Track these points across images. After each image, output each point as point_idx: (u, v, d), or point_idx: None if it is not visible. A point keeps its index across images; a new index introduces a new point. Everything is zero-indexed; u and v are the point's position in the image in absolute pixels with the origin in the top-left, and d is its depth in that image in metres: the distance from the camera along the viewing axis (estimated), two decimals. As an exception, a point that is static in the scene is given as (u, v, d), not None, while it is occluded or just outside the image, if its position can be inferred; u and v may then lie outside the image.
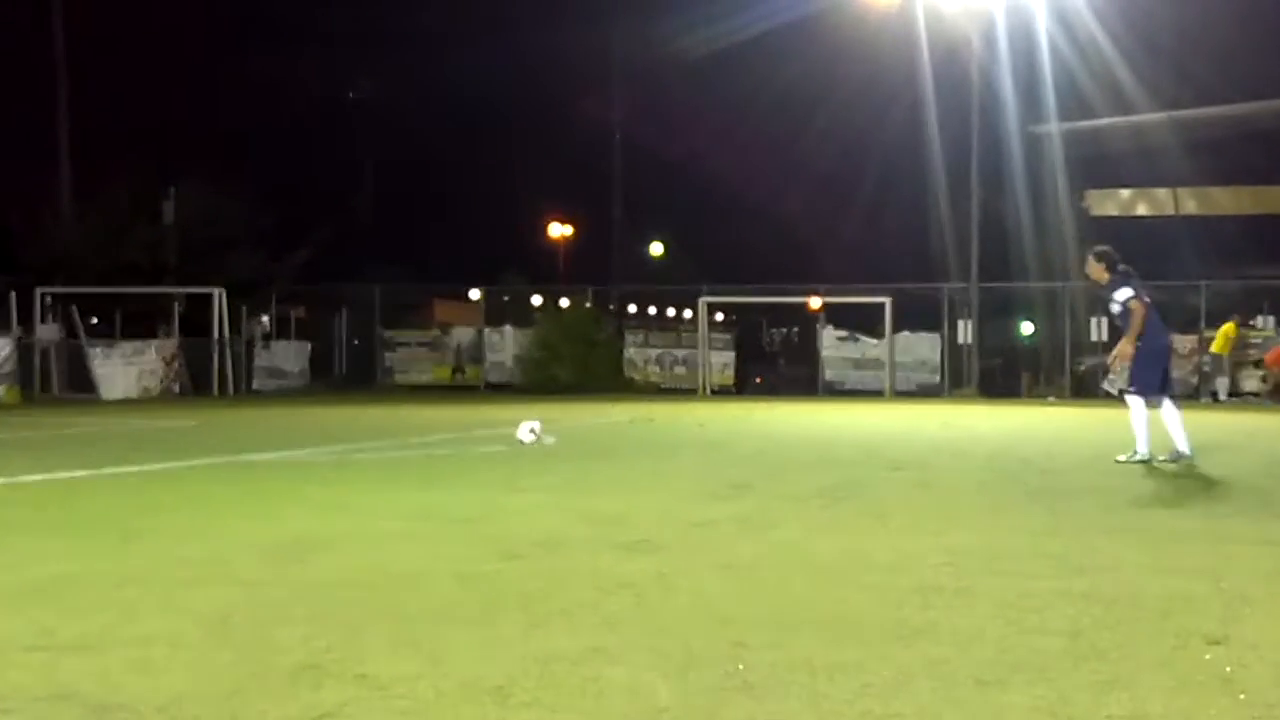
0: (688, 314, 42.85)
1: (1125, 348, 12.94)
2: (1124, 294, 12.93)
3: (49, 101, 41.19)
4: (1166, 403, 13.05)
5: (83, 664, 4.73)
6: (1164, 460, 12.79)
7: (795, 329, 44.11)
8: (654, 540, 7.76)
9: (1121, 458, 12.88)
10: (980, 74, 35.65)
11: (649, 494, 10.67)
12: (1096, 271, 13.36)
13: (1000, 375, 35.93)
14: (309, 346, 39.43)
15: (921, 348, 35.89)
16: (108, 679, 4.52)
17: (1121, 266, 13.20)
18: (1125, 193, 41.33)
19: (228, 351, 34.44)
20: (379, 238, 59.13)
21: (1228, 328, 31.60)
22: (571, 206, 65.98)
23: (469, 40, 60.84)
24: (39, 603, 5.87)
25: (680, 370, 38.27)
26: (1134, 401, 12.93)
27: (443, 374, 40.02)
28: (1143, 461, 12.72)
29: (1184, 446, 12.88)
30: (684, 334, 39.96)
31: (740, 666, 4.68)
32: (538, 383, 36.64)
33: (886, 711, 4.16)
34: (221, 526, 8.60)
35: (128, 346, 32.93)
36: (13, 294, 32.45)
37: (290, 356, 38.38)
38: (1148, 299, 13.02)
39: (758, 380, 38.16)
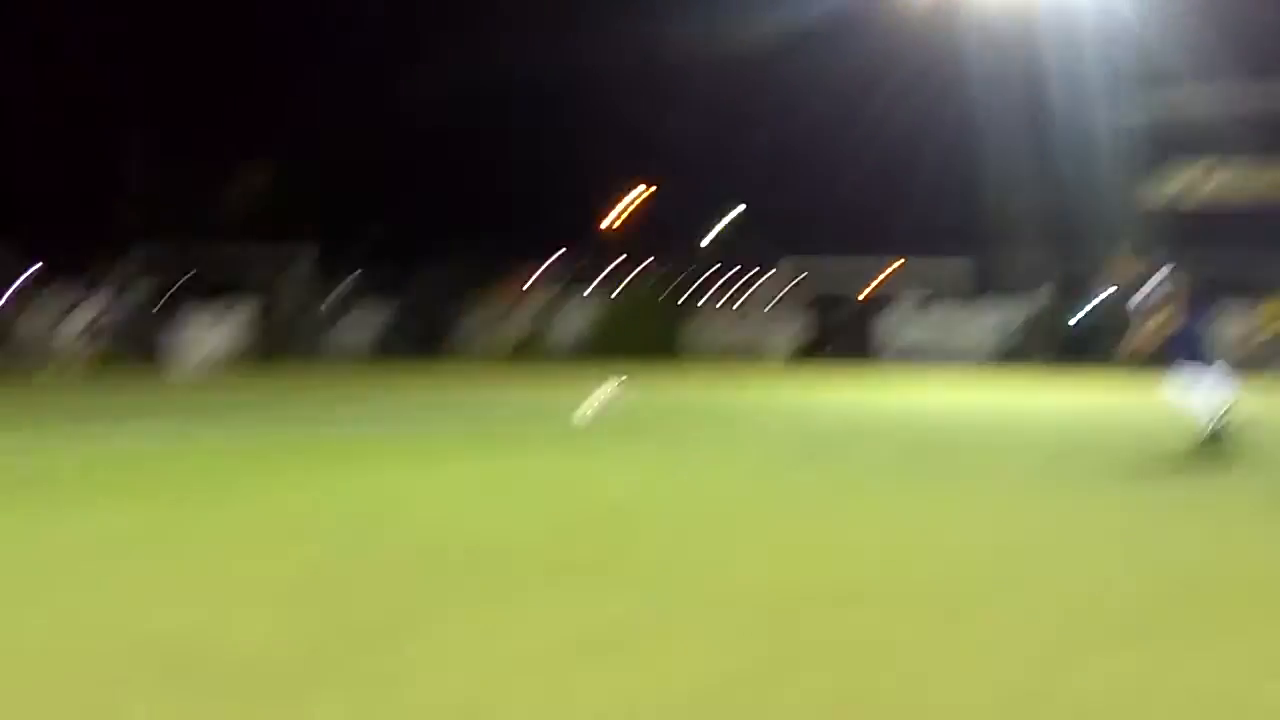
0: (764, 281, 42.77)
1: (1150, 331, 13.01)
2: (1155, 281, 12.84)
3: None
4: (1208, 381, 12.88)
5: (167, 617, 5.01)
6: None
7: (870, 296, 43.93)
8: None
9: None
10: (1061, 43, 35.27)
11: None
12: (1126, 267, 13.37)
13: (1084, 344, 35.53)
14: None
15: (1001, 315, 35.69)
16: (194, 632, 4.80)
17: (1146, 260, 13.18)
18: (1205, 167, 40.78)
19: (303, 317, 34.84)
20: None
21: (1271, 305, 31.31)
22: (645, 174, 65.75)
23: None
24: (109, 558, 6.17)
25: (751, 337, 38.39)
26: (1179, 381, 12.84)
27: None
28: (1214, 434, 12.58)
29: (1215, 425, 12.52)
30: (762, 302, 39.94)
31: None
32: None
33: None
34: (308, 486, 8.91)
35: (208, 311, 33.34)
36: None
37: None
38: (1180, 285, 12.93)
39: (828, 349, 38.09)
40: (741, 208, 64.27)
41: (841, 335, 39.86)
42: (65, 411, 16.19)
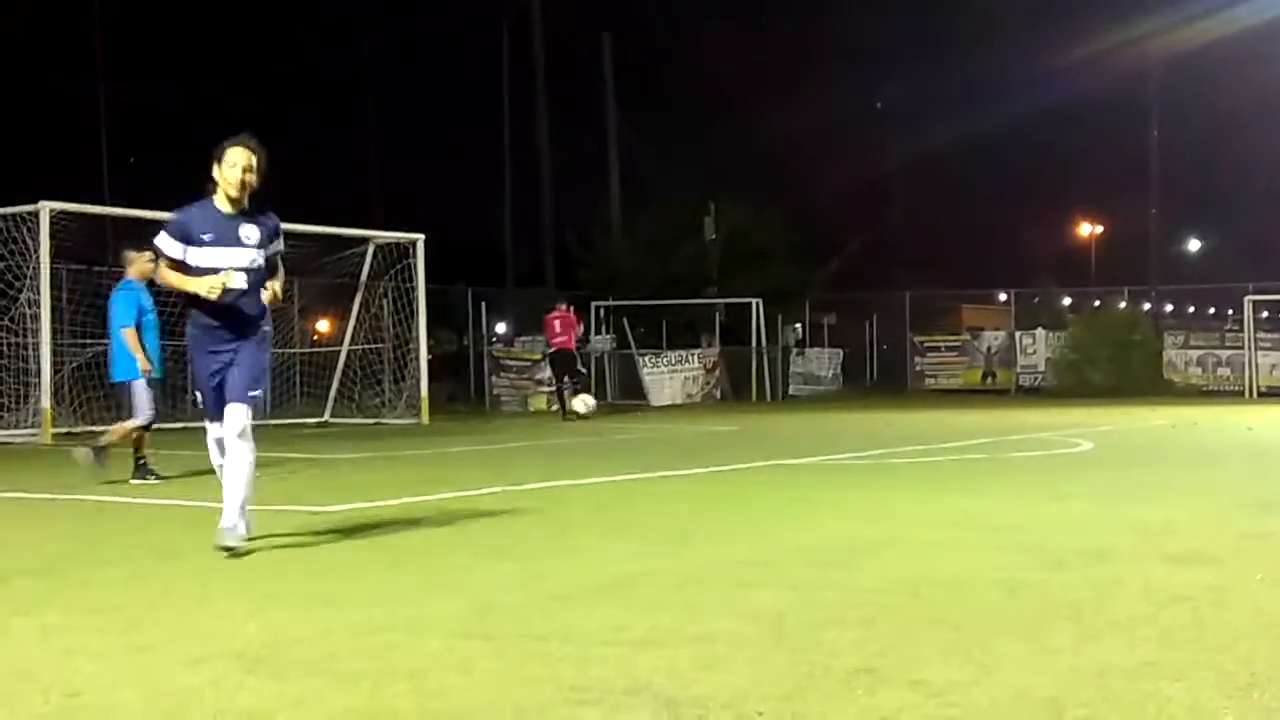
0: (1231, 312, 40.74)
1: None
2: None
3: (600, 129, 44.26)
4: None
5: (653, 659, 5.03)
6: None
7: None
8: (1206, 552, 7.49)
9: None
10: None
11: (1196, 503, 10.23)
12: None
13: None
14: (841, 353, 40.15)
15: None
16: (677, 674, 4.80)
17: None
18: None
19: (764, 359, 35.63)
20: (907, 243, 59.37)
21: None
22: (1101, 204, 63.89)
23: (990, 41, 60.09)
24: (611, 600, 6.32)
25: (1225, 372, 36.44)
26: None
27: (973, 378, 39.76)
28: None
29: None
30: (1228, 334, 37.97)
31: (1310, 689, 4.49)
32: (1071, 386, 35.76)
33: None
34: (768, 530, 8.98)
35: (673, 355, 34.69)
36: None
37: (824, 363, 39.22)
38: None
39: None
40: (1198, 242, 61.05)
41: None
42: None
